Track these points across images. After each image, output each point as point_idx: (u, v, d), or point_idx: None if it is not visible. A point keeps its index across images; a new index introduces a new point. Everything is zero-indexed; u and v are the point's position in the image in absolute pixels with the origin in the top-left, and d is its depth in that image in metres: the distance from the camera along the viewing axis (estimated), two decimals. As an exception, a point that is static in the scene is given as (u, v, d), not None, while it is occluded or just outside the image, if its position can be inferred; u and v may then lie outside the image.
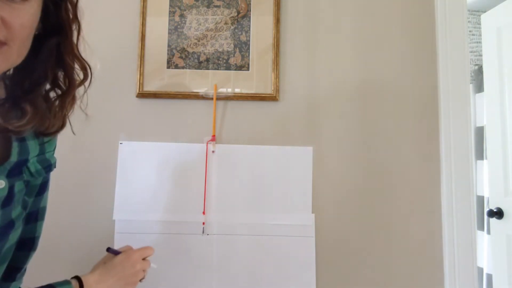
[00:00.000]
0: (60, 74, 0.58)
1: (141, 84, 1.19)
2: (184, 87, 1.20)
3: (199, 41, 1.21)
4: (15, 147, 0.58)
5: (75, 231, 1.14)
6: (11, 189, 0.58)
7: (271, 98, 1.20)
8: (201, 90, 1.20)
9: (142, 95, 1.18)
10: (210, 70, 1.20)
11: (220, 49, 1.21)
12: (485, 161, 2.11)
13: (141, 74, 1.19)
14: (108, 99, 1.18)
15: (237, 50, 1.21)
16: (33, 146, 0.62)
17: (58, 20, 0.55)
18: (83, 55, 0.61)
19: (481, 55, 2.21)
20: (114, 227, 1.14)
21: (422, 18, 1.25)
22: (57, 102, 0.59)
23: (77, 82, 0.61)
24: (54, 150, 0.71)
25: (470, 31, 2.34)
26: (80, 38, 0.59)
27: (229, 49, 1.21)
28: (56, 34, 0.55)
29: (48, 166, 0.66)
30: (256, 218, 1.16)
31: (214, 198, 1.16)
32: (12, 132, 0.54)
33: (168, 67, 1.20)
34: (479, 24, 2.06)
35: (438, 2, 1.24)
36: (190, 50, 1.21)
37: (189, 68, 1.20)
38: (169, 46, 1.20)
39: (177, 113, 1.20)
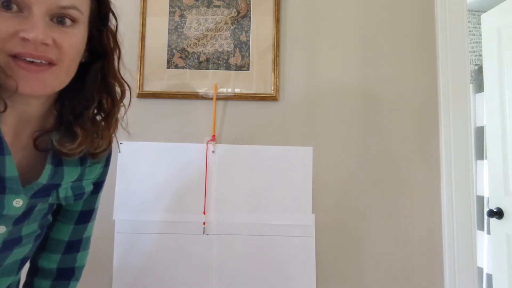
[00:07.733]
0: (104, 98, 0.63)
1: (141, 84, 1.18)
2: (184, 87, 1.20)
3: (199, 41, 1.21)
4: (47, 170, 0.59)
5: (75, 231, 1.14)
6: (30, 209, 0.59)
7: (271, 98, 1.20)
8: (201, 90, 1.20)
9: (142, 95, 1.18)
10: (210, 70, 1.20)
11: (220, 49, 1.21)
12: (485, 161, 2.11)
13: (141, 74, 1.19)
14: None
15: (237, 50, 1.21)
16: (71, 172, 0.63)
17: (101, 45, 0.61)
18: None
19: (481, 55, 2.21)
20: (114, 227, 1.14)
21: (422, 18, 1.25)
22: (102, 124, 0.64)
23: (118, 101, 0.65)
24: (95, 178, 0.70)
25: (470, 31, 2.34)
26: (120, 61, 0.65)
27: (229, 49, 1.21)
28: (100, 58, 0.61)
29: (80, 194, 0.66)
30: (256, 218, 1.16)
31: (214, 198, 1.16)
32: (65, 155, 0.59)
33: (168, 67, 1.20)
34: (479, 24, 2.06)
35: (438, 2, 1.24)
36: (190, 50, 1.21)
37: (189, 68, 1.20)
38: (169, 46, 1.20)
39: (177, 113, 1.19)
